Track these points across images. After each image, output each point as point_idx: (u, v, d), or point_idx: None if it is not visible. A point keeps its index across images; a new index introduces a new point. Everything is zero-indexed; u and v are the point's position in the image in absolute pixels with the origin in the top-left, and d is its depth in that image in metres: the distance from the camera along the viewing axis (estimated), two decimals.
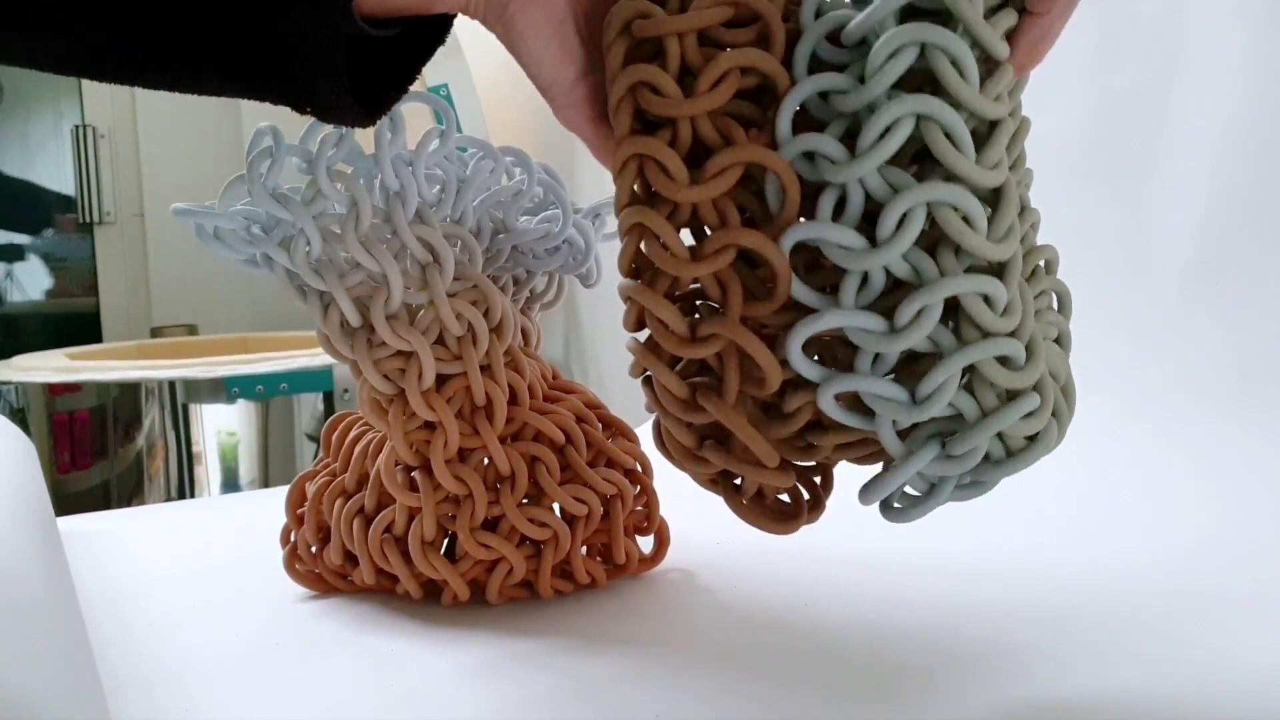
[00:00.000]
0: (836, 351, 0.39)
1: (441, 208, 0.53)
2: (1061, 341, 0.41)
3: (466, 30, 0.47)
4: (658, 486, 0.57)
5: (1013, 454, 0.38)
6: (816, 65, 0.37)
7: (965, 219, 0.35)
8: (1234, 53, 0.73)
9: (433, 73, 1.68)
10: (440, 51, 0.43)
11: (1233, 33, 0.73)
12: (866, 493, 0.39)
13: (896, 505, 0.40)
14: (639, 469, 0.56)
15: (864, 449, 0.40)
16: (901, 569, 0.57)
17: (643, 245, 0.39)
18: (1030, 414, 0.37)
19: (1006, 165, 0.36)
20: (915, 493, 0.39)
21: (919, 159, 0.37)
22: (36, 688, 0.29)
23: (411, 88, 0.42)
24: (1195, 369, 0.74)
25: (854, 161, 0.35)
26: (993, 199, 0.36)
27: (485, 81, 1.69)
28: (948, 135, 0.35)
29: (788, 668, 0.44)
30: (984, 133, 0.36)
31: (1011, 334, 0.36)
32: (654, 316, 0.39)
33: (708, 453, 0.40)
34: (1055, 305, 0.42)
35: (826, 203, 0.36)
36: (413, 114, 0.51)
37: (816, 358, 0.39)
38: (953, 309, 0.36)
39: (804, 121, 0.37)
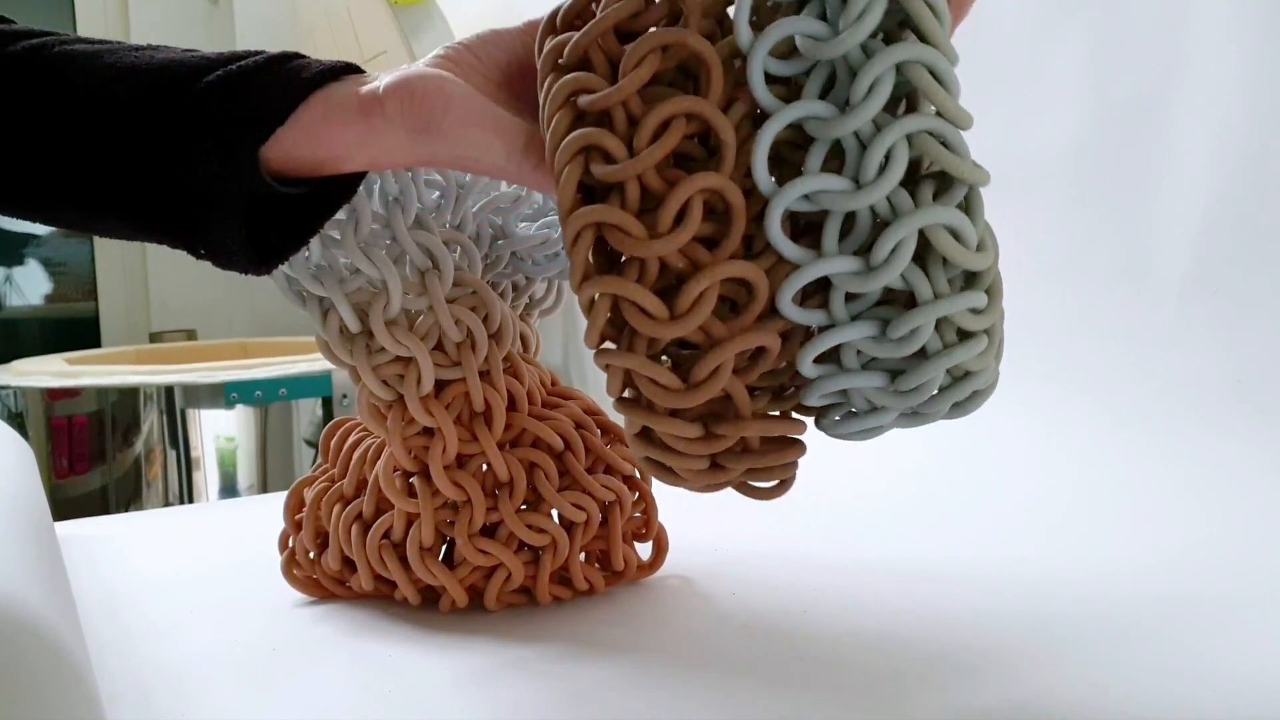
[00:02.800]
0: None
1: (441, 213, 0.53)
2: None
3: (460, 24, 0.47)
4: (656, 493, 0.57)
5: (955, 380, 0.37)
6: (770, 80, 0.36)
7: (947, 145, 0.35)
8: (1232, 63, 0.73)
9: None
10: (430, 39, 0.44)
11: (1231, 43, 0.73)
12: (803, 355, 0.37)
13: (836, 418, 0.39)
14: (637, 475, 0.56)
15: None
16: (899, 576, 0.57)
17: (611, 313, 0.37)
18: (979, 332, 0.37)
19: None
20: (855, 409, 0.39)
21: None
22: (33, 693, 0.29)
23: None
24: (1192, 378, 0.74)
25: (861, 191, 0.35)
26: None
27: None
28: (945, 144, 0.35)
29: (785, 674, 0.44)
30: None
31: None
32: (643, 378, 0.37)
33: (727, 461, 0.39)
34: None
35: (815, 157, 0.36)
36: None
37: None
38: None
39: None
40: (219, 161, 0.38)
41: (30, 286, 2.36)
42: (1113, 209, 0.81)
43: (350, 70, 0.41)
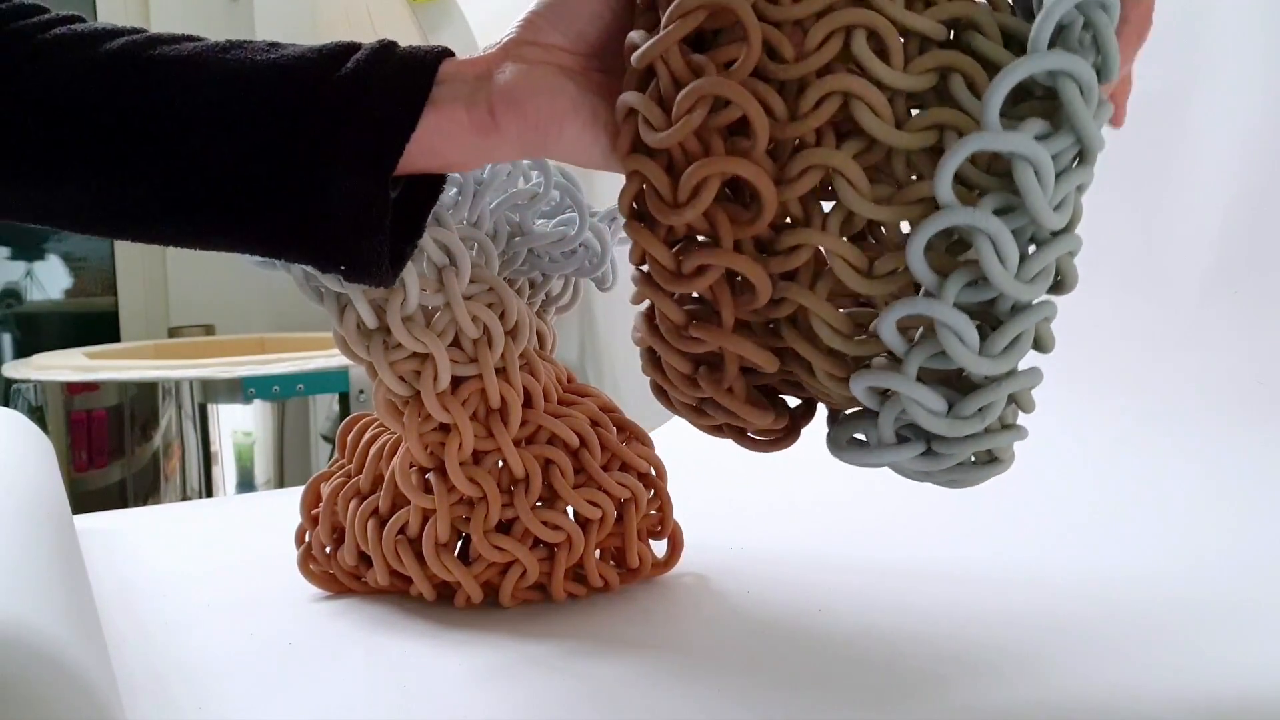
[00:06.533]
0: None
1: (458, 210, 0.53)
2: None
3: (479, 22, 0.47)
4: (672, 490, 0.57)
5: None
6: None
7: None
8: (1253, 60, 0.72)
9: None
10: (448, 37, 0.43)
11: (1252, 40, 0.72)
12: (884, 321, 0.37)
13: (859, 437, 0.40)
14: (653, 473, 0.56)
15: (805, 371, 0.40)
16: (914, 575, 0.56)
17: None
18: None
19: None
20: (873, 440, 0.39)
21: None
22: (52, 686, 0.29)
23: None
24: (1213, 377, 0.73)
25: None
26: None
27: None
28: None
29: (800, 673, 0.44)
30: None
31: None
32: (649, 254, 0.39)
33: (702, 380, 0.40)
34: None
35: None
36: None
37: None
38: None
39: None
40: (362, 181, 0.38)
41: (51, 281, 2.37)
42: (1133, 208, 0.81)
43: (445, 54, 0.40)
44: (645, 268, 0.40)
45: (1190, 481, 0.69)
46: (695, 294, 0.40)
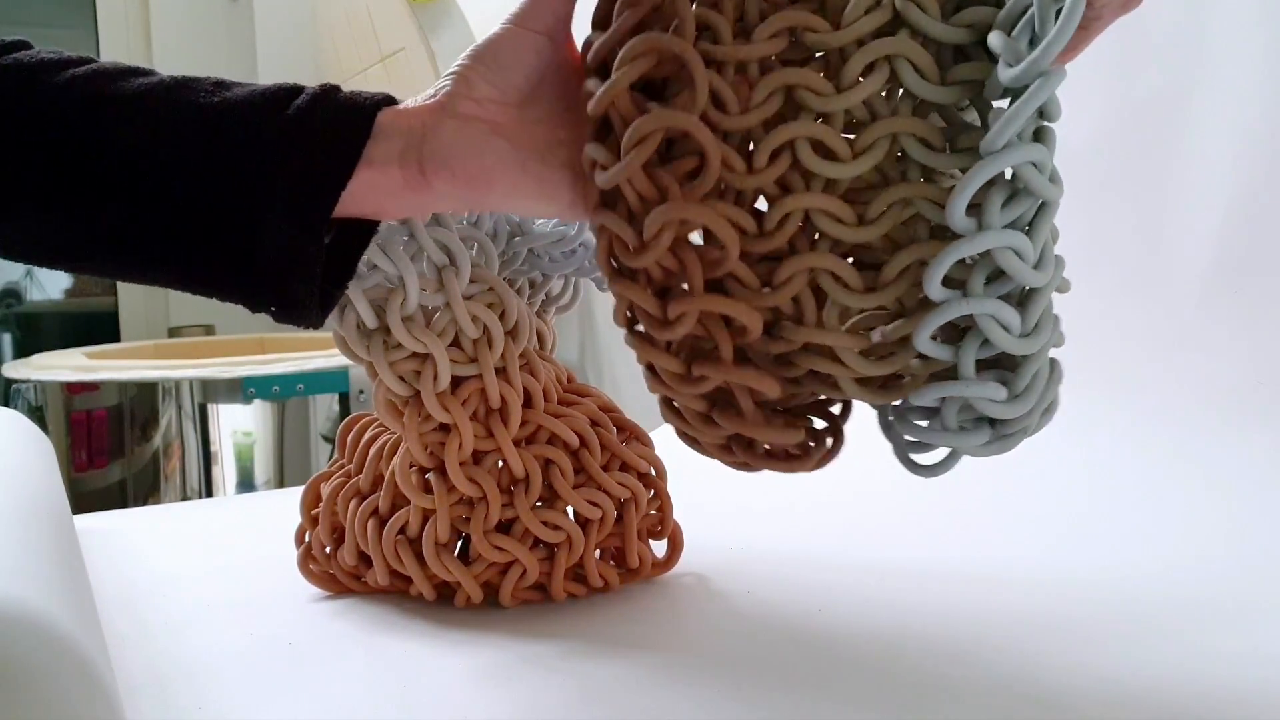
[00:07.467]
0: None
1: (458, 211, 0.53)
2: None
3: (479, 21, 0.47)
4: (672, 490, 0.57)
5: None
6: None
7: None
8: (1253, 61, 0.72)
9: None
10: (448, 37, 0.43)
11: (1252, 41, 0.72)
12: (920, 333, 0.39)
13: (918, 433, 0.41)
14: (653, 473, 0.56)
15: (834, 389, 0.40)
16: (914, 575, 0.56)
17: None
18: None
19: None
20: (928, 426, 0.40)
21: None
22: (51, 687, 0.29)
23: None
24: (1212, 378, 0.73)
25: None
26: None
27: None
28: None
29: (800, 673, 0.44)
30: None
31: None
32: (636, 306, 0.39)
33: (718, 417, 0.40)
34: None
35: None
36: None
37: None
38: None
39: None
40: (293, 228, 0.39)
41: (51, 281, 2.38)
42: (1133, 209, 0.81)
43: (384, 103, 0.41)
44: (639, 327, 0.40)
45: (1190, 481, 0.69)
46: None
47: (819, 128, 0.38)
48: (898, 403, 0.41)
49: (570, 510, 0.53)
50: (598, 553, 0.54)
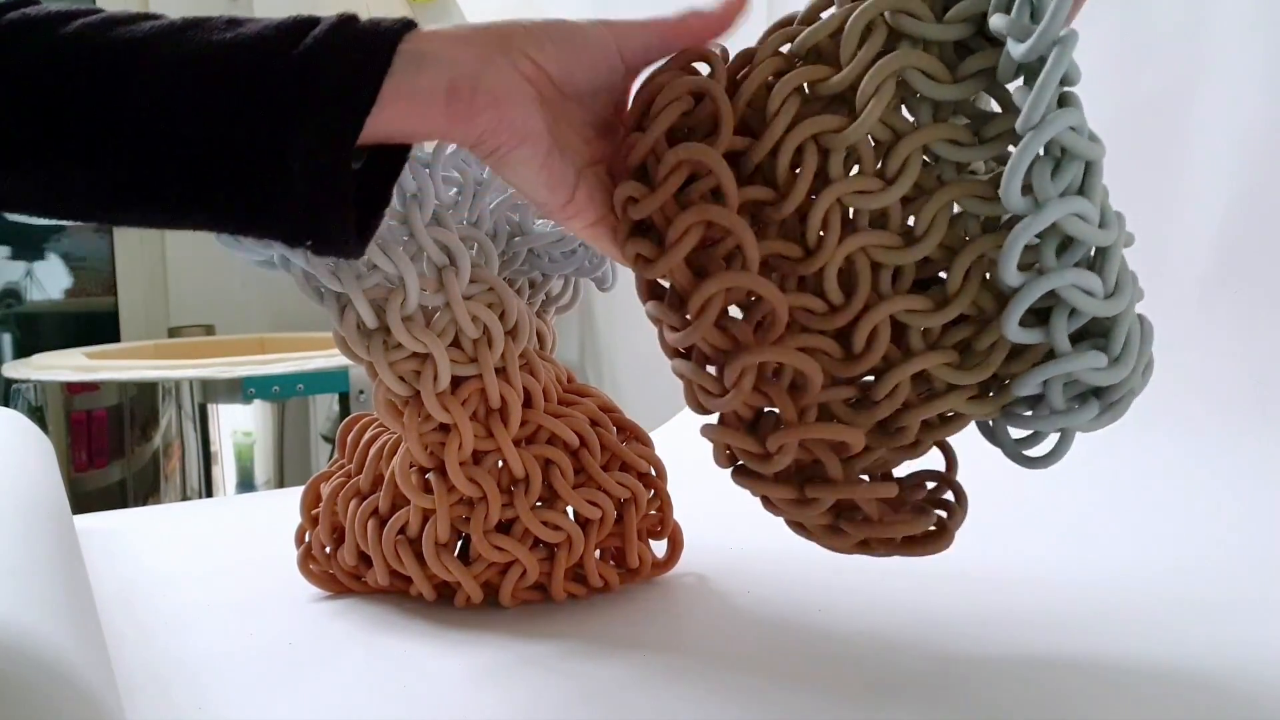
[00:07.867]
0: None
1: (458, 210, 0.53)
2: None
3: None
4: (672, 491, 0.57)
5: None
6: None
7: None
8: (1254, 61, 0.72)
9: None
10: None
11: (1252, 44, 0.72)
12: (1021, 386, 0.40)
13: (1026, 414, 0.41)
14: (653, 473, 0.56)
15: (948, 424, 0.42)
16: (915, 575, 0.56)
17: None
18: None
19: None
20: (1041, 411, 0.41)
21: None
22: (52, 685, 0.29)
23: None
24: (1212, 378, 0.73)
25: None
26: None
27: None
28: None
29: (800, 673, 0.44)
30: None
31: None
32: (737, 448, 0.42)
33: (846, 526, 0.42)
34: None
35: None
36: None
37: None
38: None
39: None
40: (321, 158, 0.38)
41: (51, 281, 2.37)
42: (1133, 209, 0.81)
43: (406, 28, 0.40)
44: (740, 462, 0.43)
45: (1189, 482, 0.69)
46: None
47: (874, 236, 0.40)
48: None
49: (570, 510, 0.53)
50: (598, 553, 0.54)
